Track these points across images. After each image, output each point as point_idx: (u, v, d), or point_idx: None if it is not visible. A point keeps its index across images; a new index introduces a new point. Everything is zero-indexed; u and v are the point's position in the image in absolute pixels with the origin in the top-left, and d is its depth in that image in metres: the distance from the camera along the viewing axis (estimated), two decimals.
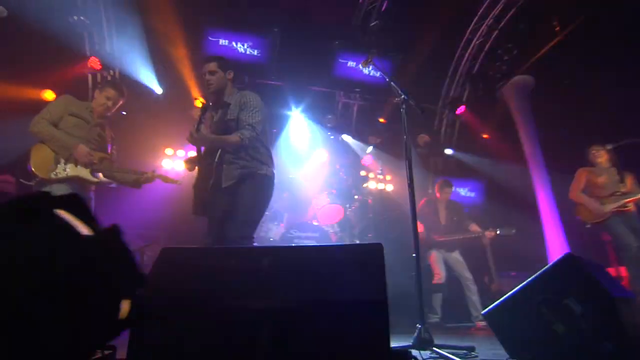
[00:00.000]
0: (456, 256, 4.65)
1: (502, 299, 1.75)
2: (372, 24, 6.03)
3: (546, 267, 1.69)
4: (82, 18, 5.18)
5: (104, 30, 5.68)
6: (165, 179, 3.19)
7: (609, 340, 1.43)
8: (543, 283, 1.65)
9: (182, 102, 6.20)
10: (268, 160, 2.70)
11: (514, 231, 4.49)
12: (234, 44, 5.70)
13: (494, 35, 6.17)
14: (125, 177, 3.11)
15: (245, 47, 5.76)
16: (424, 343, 1.76)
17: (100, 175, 3.06)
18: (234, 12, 5.76)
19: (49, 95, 5.12)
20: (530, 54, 6.02)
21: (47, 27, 5.08)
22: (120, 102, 3.14)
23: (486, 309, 1.75)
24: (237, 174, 2.57)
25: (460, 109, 6.84)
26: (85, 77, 5.60)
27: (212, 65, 2.65)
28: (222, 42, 5.65)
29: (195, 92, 6.18)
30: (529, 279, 1.69)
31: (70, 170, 2.82)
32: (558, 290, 1.59)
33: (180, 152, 6.20)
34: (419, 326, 1.83)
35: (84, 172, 2.89)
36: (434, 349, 1.75)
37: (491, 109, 6.78)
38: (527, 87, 6.63)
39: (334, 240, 5.17)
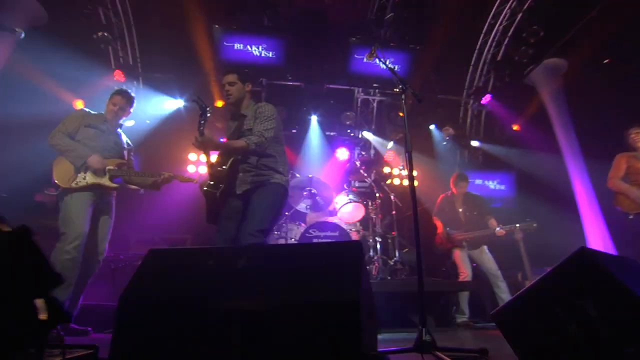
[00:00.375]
0: (482, 252, 4.41)
1: (511, 298, 1.61)
2: (387, 16, 5.88)
3: (559, 263, 1.54)
4: (105, 34, 5.44)
5: (127, 45, 5.96)
6: (182, 178, 3.26)
7: (630, 345, 1.28)
8: (555, 281, 1.50)
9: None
10: (282, 169, 2.72)
11: (535, 225, 4.18)
12: (248, 47, 5.76)
13: (518, 18, 5.81)
14: (143, 180, 3.21)
15: (260, 49, 5.80)
16: (424, 346, 1.66)
17: (130, 184, 3.20)
18: (247, 15, 5.81)
19: (79, 104, 5.51)
20: (559, 34, 5.62)
21: (76, 44, 5.43)
22: (129, 109, 3.24)
23: (494, 310, 1.63)
24: (250, 180, 2.61)
25: (486, 99, 6.52)
26: (112, 89, 5.89)
27: (232, 77, 2.74)
28: (237, 46, 5.72)
29: (217, 96, 6.33)
30: (541, 276, 1.55)
31: (89, 178, 2.95)
32: (572, 289, 1.45)
33: (203, 157, 6.37)
34: (421, 328, 1.73)
35: (103, 179, 3.01)
36: (436, 352, 1.65)
37: (519, 96, 6.41)
38: (558, 71, 6.21)
39: (355, 239, 5.09)
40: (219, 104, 6.24)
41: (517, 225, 4.23)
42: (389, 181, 6.46)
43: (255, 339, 1.00)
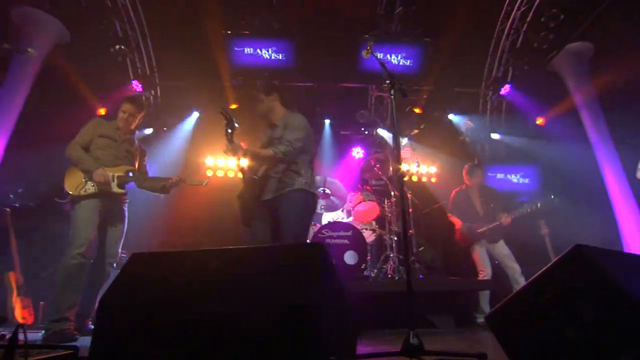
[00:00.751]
0: (500, 247, 4.21)
1: (505, 299, 1.52)
2: (397, 10, 5.76)
3: (554, 261, 1.43)
4: (122, 47, 5.66)
5: (143, 56, 6.17)
6: (191, 181, 3.33)
7: (628, 352, 1.16)
8: (550, 282, 1.39)
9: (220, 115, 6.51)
10: (305, 173, 2.74)
11: (553, 197, 3.95)
12: (258, 51, 5.81)
13: (536, 3, 5.50)
14: (153, 185, 3.33)
15: (270, 52, 5.84)
16: (411, 350, 1.59)
17: (141, 189, 3.32)
18: (256, 19, 5.86)
19: (102, 112, 5.83)
20: (583, 15, 5.27)
21: (96, 58, 5.71)
22: (140, 115, 3.33)
23: (489, 311, 1.53)
24: (274, 188, 2.67)
25: (505, 89, 6.23)
26: None
27: (258, 92, 2.91)
28: (247, 50, 5.78)
29: (232, 100, 6.45)
30: (535, 276, 1.45)
31: (97, 186, 3.07)
32: (567, 290, 1.34)
33: (221, 162, 6.51)
34: (409, 330, 1.66)
35: (111, 186, 3.12)
36: (423, 357, 1.57)
37: (541, 84, 6.08)
38: (584, 55, 5.84)
39: (369, 239, 5.03)
40: (233, 106, 6.38)
41: (539, 204, 4.01)
42: (405, 178, 6.30)
43: (213, 344, 0.99)
